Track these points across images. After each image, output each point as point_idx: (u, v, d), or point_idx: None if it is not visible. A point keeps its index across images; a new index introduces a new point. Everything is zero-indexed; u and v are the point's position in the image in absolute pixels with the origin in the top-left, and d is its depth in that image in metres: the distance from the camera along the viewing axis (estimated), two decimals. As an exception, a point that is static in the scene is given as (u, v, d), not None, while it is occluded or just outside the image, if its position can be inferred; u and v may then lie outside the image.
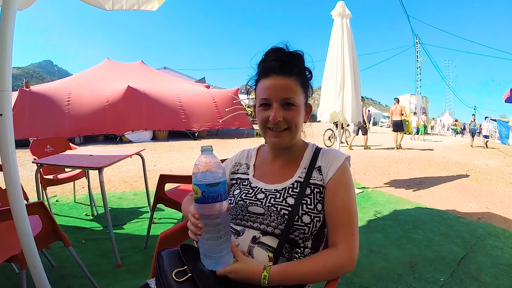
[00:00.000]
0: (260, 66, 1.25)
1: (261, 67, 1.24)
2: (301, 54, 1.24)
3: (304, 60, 1.25)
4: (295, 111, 1.18)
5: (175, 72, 28.94)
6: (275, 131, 1.20)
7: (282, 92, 1.16)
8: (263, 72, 1.21)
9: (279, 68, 1.16)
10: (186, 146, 12.03)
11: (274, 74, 1.17)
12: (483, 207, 4.97)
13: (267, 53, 1.23)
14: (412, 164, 9.27)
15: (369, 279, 2.68)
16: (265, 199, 1.20)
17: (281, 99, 1.16)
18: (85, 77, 15.48)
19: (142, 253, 3.00)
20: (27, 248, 1.52)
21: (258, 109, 1.23)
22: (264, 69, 1.21)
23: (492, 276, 2.80)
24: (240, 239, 1.18)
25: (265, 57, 1.24)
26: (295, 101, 1.17)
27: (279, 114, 1.16)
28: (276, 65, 1.17)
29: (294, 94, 1.17)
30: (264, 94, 1.18)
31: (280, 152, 1.32)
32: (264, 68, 1.21)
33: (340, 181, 1.19)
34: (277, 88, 1.16)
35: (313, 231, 1.15)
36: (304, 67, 1.25)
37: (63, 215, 3.98)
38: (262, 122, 1.22)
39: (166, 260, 1.10)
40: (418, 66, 40.02)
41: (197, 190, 0.98)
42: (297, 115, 1.20)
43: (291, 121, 1.18)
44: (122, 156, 3.18)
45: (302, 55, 1.24)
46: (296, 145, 1.31)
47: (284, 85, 1.16)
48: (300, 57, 1.23)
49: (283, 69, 1.16)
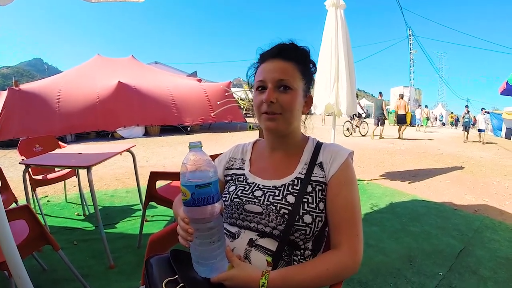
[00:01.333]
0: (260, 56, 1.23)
1: (260, 56, 1.22)
2: (307, 49, 1.21)
3: (309, 55, 1.22)
4: (290, 94, 1.12)
5: (166, 66, 28.73)
6: (269, 115, 1.13)
7: (278, 73, 1.12)
8: (262, 58, 1.20)
9: (278, 53, 1.15)
10: (178, 141, 11.97)
11: (272, 58, 1.15)
12: (479, 199, 4.97)
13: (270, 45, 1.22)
14: (406, 156, 9.28)
15: (367, 274, 2.66)
16: (263, 196, 1.14)
17: (276, 80, 1.12)
18: (75, 73, 15.29)
19: (134, 253, 2.95)
20: (10, 258, 1.45)
21: (254, 94, 1.19)
22: (263, 56, 1.20)
23: (490, 269, 2.78)
24: (235, 242, 1.12)
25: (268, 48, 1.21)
26: (291, 83, 1.12)
27: (273, 95, 1.11)
28: (275, 50, 1.16)
29: (290, 76, 1.13)
30: (260, 76, 1.15)
31: (278, 145, 1.25)
32: (263, 55, 1.20)
33: (343, 178, 1.13)
34: (273, 70, 1.13)
35: (315, 231, 1.09)
36: (308, 59, 1.22)
37: (55, 215, 3.91)
38: (257, 107, 1.17)
39: (155, 269, 1.04)
40: (411, 58, 40.19)
41: (186, 192, 0.90)
42: (293, 100, 1.13)
43: (286, 105, 1.12)
44: (111, 154, 3.10)
45: (308, 50, 1.21)
46: (295, 138, 1.25)
47: (281, 67, 1.13)
48: (303, 49, 1.20)
49: (282, 54, 1.15)
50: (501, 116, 20.42)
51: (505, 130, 19.39)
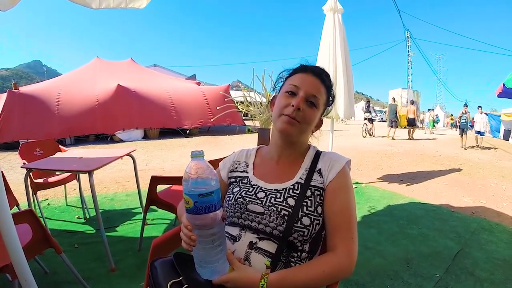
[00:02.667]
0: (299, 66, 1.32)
1: (300, 66, 1.32)
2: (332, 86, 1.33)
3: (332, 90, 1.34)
4: (314, 111, 1.23)
5: (165, 69, 28.72)
6: (290, 117, 1.20)
7: (314, 88, 1.22)
8: (301, 68, 1.30)
9: (320, 73, 1.27)
10: (177, 144, 11.97)
11: (312, 73, 1.26)
12: (476, 201, 5.00)
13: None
14: (404, 158, 9.31)
15: (365, 276, 2.68)
16: (266, 198, 1.19)
17: (310, 93, 1.21)
18: (74, 76, 15.29)
19: (135, 256, 2.97)
20: (16, 261, 1.48)
21: (282, 95, 1.26)
22: (303, 67, 1.30)
23: (487, 271, 2.82)
24: (236, 245, 1.16)
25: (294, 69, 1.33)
26: (319, 102, 1.24)
27: (303, 104, 1.20)
28: (319, 70, 1.29)
29: (320, 96, 1.24)
30: (296, 82, 1.24)
31: (283, 152, 1.32)
32: (303, 66, 1.30)
33: (340, 185, 1.19)
34: (311, 84, 1.23)
35: (312, 234, 1.15)
36: (331, 93, 1.34)
37: (55, 219, 3.93)
38: (280, 107, 1.24)
39: (160, 271, 1.08)
40: (409, 60, 40.20)
41: (189, 200, 0.93)
42: (314, 116, 1.25)
43: (308, 117, 1.22)
44: (112, 158, 3.13)
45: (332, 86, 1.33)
46: (300, 146, 1.32)
47: (317, 84, 1.24)
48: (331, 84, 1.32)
49: (320, 74, 1.27)
50: (499, 117, 20.45)
51: (503, 132, 19.40)
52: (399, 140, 15.22)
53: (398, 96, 32.28)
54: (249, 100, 3.90)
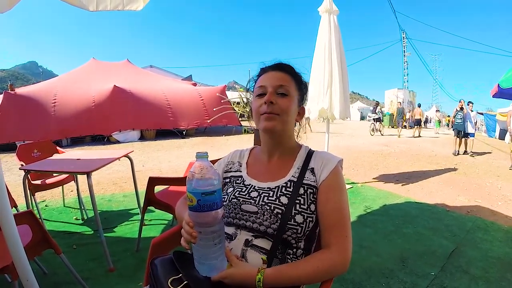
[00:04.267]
0: (261, 69, 1.37)
1: (261, 69, 1.36)
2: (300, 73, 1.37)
3: (303, 77, 1.38)
4: (287, 99, 1.25)
5: (162, 70, 28.65)
6: (268, 114, 1.23)
7: (277, 80, 1.26)
8: (262, 71, 1.35)
9: (277, 67, 1.32)
10: (174, 145, 11.97)
11: (271, 70, 1.31)
12: (471, 201, 5.04)
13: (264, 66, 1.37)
14: (400, 158, 9.36)
15: (361, 274, 2.71)
16: (259, 197, 1.21)
17: (276, 85, 1.25)
18: (70, 77, 15.26)
19: (134, 256, 2.99)
20: (18, 261, 1.49)
21: (254, 99, 1.31)
22: (264, 68, 1.34)
23: (481, 269, 2.84)
24: (232, 243, 1.18)
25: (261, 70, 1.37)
26: (288, 90, 1.26)
27: (273, 97, 1.23)
28: (275, 65, 1.33)
29: (287, 84, 1.27)
30: (261, 83, 1.28)
31: (274, 149, 1.33)
32: (264, 68, 1.35)
33: (333, 184, 1.21)
34: (273, 78, 1.27)
35: (306, 231, 1.16)
36: (302, 79, 1.37)
37: (53, 220, 3.94)
38: (256, 109, 1.28)
39: (160, 269, 1.10)
40: (405, 60, 40.31)
41: (192, 198, 0.96)
42: (290, 103, 1.26)
43: (284, 106, 1.24)
44: (110, 159, 3.15)
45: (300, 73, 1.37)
46: (289, 143, 1.34)
47: (280, 76, 1.28)
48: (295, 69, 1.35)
49: (281, 67, 1.31)
50: (495, 117, 20.49)
51: (499, 131, 19.43)
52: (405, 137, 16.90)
53: (394, 96, 32.37)
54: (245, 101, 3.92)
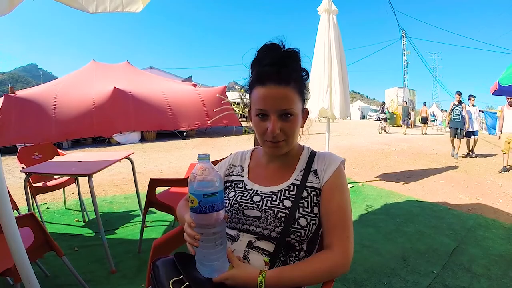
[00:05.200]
0: (255, 70, 1.17)
1: (255, 72, 1.16)
2: (297, 52, 1.16)
3: (300, 60, 1.18)
4: (293, 121, 1.14)
5: (162, 71, 28.63)
6: (273, 142, 1.16)
7: (280, 103, 1.10)
8: (259, 79, 1.13)
9: (276, 76, 1.09)
10: (175, 146, 11.96)
11: (270, 83, 1.09)
12: (473, 198, 5.04)
13: (260, 52, 1.16)
14: (401, 157, 9.35)
15: (362, 274, 2.71)
16: (261, 201, 1.19)
17: (279, 110, 1.11)
18: (71, 80, 15.25)
19: (135, 258, 2.99)
20: (20, 263, 1.49)
21: (254, 118, 1.18)
22: (259, 76, 1.13)
23: (483, 267, 2.84)
24: (235, 245, 1.18)
25: (258, 56, 1.17)
26: (293, 111, 1.12)
27: (277, 126, 1.11)
28: (272, 72, 1.09)
29: (292, 104, 1.12)
30: (261, 105, 1.12)
31: (276, 158, 1.30)
32: (259, 75, 1.13)
33: (336, 184, 1.20)
34: (274, 99, 1.10)
35: (309, 234, 1.16)
36: (301, 68, 1.18)
37: (55, 222, 3.94)
38: (259, 133, 1.18)
39: (161, 270, 1.10)
40: (405, 59, 40.27)
41: (194, 199, 0.96)
42: (295, 126, 1.16)
43: (289, 132, 1.15)
44: (111, 161, 3.15)
45: (298, 54, 1.16)
46: (292, 150, 1.29)
47: (282, 95, 1.10)
48: (296, 58, 1.16)
49: (280, 77, 1.09)
50: (495, 114, 20.43)
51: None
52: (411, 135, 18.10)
53: (394, 95, 32.34)
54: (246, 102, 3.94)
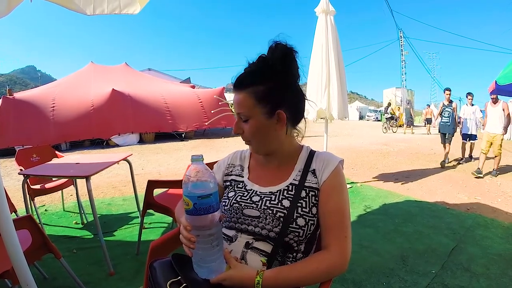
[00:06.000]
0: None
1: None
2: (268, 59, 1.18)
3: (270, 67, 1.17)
4: (249, 124, 1.19)
5: (160, 73, 28.62)
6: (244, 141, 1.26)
7: (237, 107, 1.20)
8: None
9: (237, 82, 1.19)
10: (173, 148, 11.96)
11: (235, 90, 1.20)
12: (471, 198, 5.05)
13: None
14: (399, 157, 9.36)
15: (361, 274, 2.71)
16: (261, 201, 1.20)
17: (238, 113, 1.21)
18: (69, 82, 15.23)
19: (134, 259, 2.99)
20: (18, 266, 1.49)
21: None
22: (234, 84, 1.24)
23: (482, 266, 2.84)
24: (233, 245, 1.18)
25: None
26: (247, 114, 1.18)
27: (239, 126, 1.22)
28: (235, 82, 1.20)
29: (244, 108, 1.18)
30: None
31: (272, 157, 1.31)
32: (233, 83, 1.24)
33: (334, 184, 1.20)
34: (236, 102, 1.20)
35: (307, 234, 1.16)
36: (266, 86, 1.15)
37: (53, 224, 3.94)
38: None
39: (159, 271, 1.10)
40: (403, 59, 40.28)
41: (189, 202, 0.96)
42: (253, 127, 1.19)
43: (248, 133, 1.21)
44: (109, 163, 3.15)
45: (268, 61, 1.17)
46: (286, 151, 1.29)
47: (237, 100, 1.19)
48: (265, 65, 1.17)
49: (238, 84, 1.19)
50: None
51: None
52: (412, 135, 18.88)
53: (392, 95, 32.39)
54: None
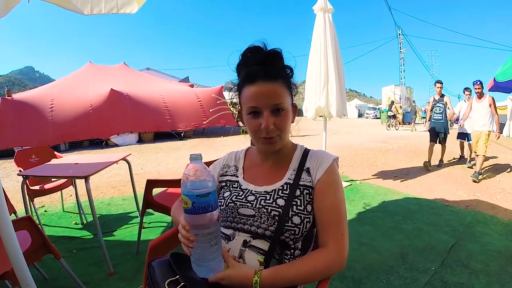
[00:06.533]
0: (242, 71, 1.19)
1: (244, 72, 1.18)
2: (280, 52, 1.17)
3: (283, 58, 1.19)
4: (285, 116, 1.15)
5: (159, 72, 28.48)
6: (267, 138, 1.16)
7: (271, 98, 1.12)
8: (248, 78, 1.14)
9: (265, 73, 1.11)
10: (172, 147, 11.94)
11: (260, 80, 1.11)
12: (470, 195, 5.04)
13: (245, 55, 1.18)
14: (398, 154, 9.37)
15: (361, 271, 2.71)
16: (256, 201, 1.20)
17: (271, 105, 1.12)
18: (67, 82, 15.09)
19: (134, 259, 2.99)
20: (17, 267, 1.49)
21: (246, 117, 1.18)
22: (248, 75, 1.14)
23: (482, 262, 2.85)
24: (230, 244, 1.18)
25: (244, 59, 1.19)
26: (284, 106, 1.14)
27: (271, 121, 1.12)
28: (261, 70, 1.12)
29: (283, 99, 1.14)
30: (252, 102, 1.13)
31: (270, 155, 1.31)
32: (248, 74, 1.15)
33: (329, 182, 1.19)
34: (266, 95, 1.11)
35: (303, 232, 1.16)
36: (285, 66, 1.20)
37: (53, 225, 3.93)
38: (253, 131, 1.18)
39: (157, 270, 1.10)
40: (402, 57, 40.28)
41: (187, 200, 0.96)
42: (287, 120, 1.17)
43: (282, 127, 1.16)
44: (108, 163, 3.14)
45: (281, 53, 1.17)
46: (285, 147, 1.29)
47: (273, 91, 1.12)
48: (279, 56, 1.17)
49: (269, 74, 1.12)
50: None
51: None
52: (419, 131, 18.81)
53: (391, 93, 32.40)
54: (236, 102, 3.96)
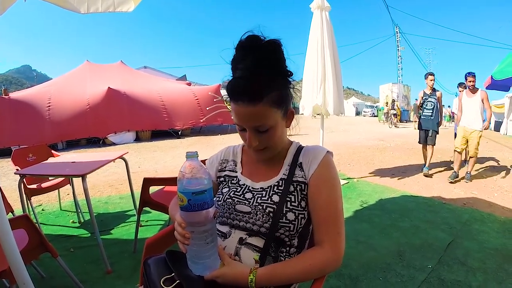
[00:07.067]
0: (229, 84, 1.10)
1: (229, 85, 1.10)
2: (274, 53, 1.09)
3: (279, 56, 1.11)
4: (269, 132, 1.13)
5: (156, 70, 28.44)
6: (256, 150, 1.18)
7: (253, 121, 1.09)
8: (231, 95, 1.09)
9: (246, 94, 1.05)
10: (170, 145, 11.97)
11: (241, 102, 1.06)
12: (468, 193, 5.06)
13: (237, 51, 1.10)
14: (396, 152, 9.39)
15: (357, 269, 2.72)
16: (253, 199, 1.20)
17: (253, 127, 1.11)
18: (65, 81, 15.12)
19: (131, 257, 2.99)
20: (14, 265, 1.49)
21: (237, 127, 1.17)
22: (231, 92, 1.09)
23: (479, 260, 2.86)
24: (226, 241, 1.18)
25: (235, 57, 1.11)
26: (268, 125, 1.11)
27: (255, 139, 1.13)
28: (242, 89, 1.05)
29: (265, 120, 1.09)
30: (236, 119, 1.12)
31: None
32: (231, 91, 1.09)
33: (324, 177, 1.18)
34: (248, 117, 1.08)
35: (298, 228, 1.16)
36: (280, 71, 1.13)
37: (50, 224, 3.93)
38: (243, 141, 1.21)
39: (153, 268, 1.10)
40: (399, 55, 40.34)
41: (183, 198, 0.96)
42: (274, 135, 1.15)
43: (268, 143, 1.16)
44: (105, 161, 3.14)
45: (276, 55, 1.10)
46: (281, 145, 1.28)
47: (253, 113, 1.07)
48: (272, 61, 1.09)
49: (250, 95, 1.05)
50: None
51: (494, 123, 19.53)
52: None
53: (388, 91, 32.47)
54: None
